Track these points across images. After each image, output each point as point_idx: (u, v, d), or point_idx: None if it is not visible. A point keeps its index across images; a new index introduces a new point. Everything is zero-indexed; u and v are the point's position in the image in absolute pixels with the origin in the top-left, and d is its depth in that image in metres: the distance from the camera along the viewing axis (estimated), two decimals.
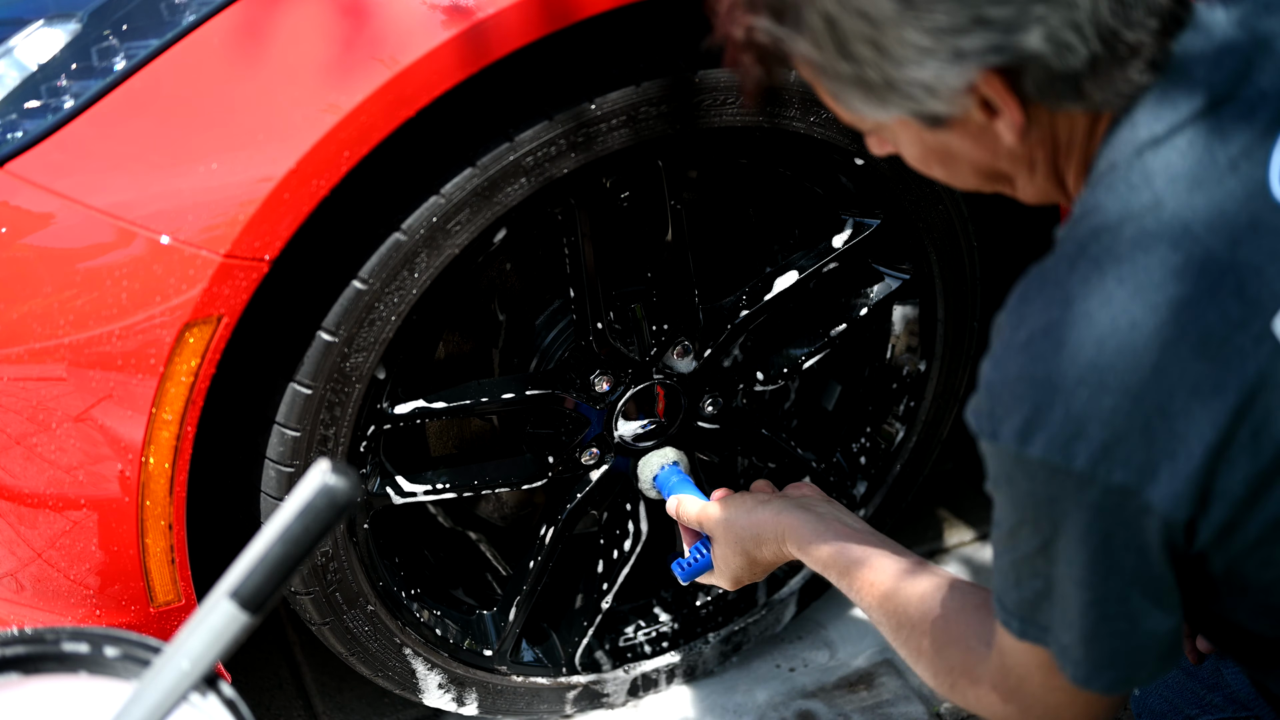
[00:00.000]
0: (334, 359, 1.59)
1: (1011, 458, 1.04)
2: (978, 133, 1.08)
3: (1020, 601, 1.13)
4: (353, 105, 1.43)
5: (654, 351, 1.83)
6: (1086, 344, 1.00)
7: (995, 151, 1.10)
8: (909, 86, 1.03)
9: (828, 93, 1.10)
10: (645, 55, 1.63)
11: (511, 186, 1.59)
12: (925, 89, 1.03)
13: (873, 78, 1.04)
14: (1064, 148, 1.10)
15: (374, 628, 1.81)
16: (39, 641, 1.14)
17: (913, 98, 1.04)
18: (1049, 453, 1.02)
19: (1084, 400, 1.00)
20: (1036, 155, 1.11)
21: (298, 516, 0.99)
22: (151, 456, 1.51)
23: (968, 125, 1.08)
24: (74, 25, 1.54)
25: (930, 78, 1.02)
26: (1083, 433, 1.00)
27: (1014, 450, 1.04)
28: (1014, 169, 1.13)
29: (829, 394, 2.14)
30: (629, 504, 1.96)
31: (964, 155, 1.12)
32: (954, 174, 1.16)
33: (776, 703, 2.10)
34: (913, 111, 1.06)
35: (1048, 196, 1.15)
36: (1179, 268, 0.99)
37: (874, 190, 1.84)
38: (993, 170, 1.13)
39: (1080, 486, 1.02)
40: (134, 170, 1.46)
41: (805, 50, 1.05)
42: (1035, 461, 1.03)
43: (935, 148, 1.12)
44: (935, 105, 1.04)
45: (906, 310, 2.00)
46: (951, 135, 1.09)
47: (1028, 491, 1.05)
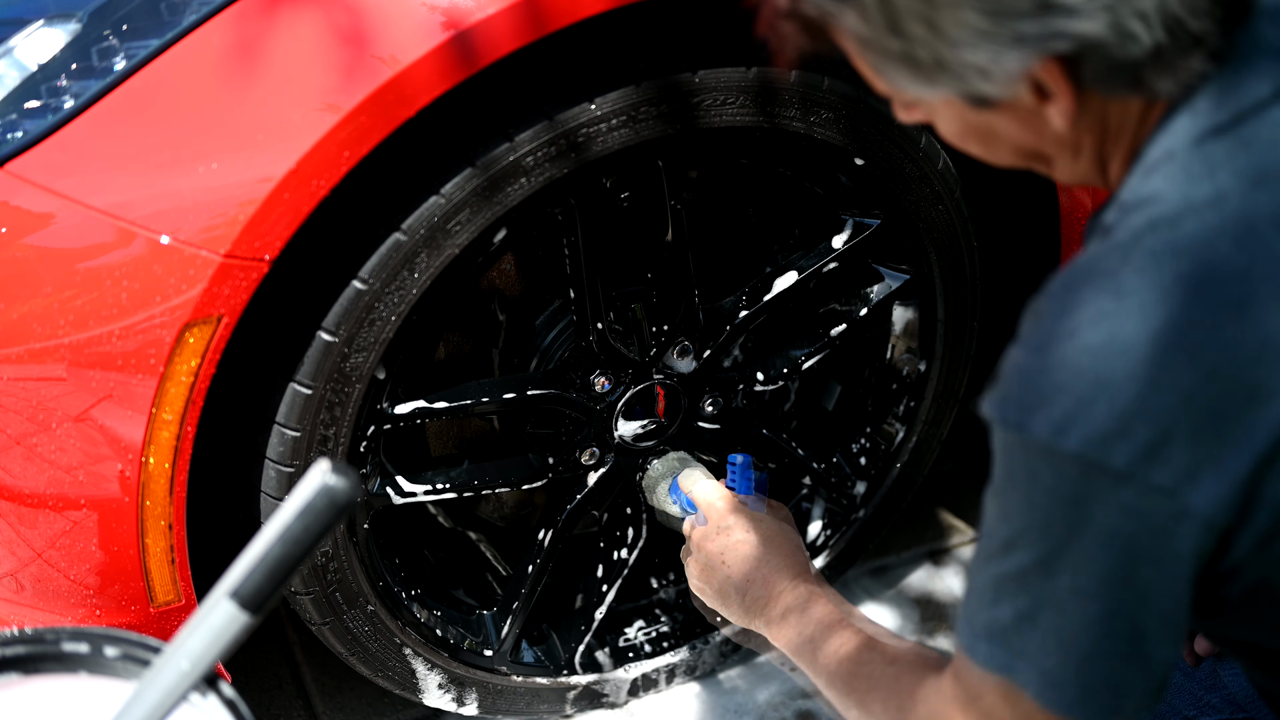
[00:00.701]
0: (334, 359, 1.59)
1: (1041, 450, 0.98)
2: (1026, 116, 1.05)
3: (993, 623, 1.05)
4: (353, 105, 1.43)
5: (654, 352, 1.83)
6: (1140, 339, 0.95)
7: (1041, 135, 1.07)
8: (961, 68, 1.00)
9: (869, 66, 1.05)
10: (645, 55, 1.63)
11: (511, 186, 1.59)
12: (978, 71, 0.99)
13: (923, 56, 1.00)
14: (1113, 134, 1.06)
15: (374, 628, 1.81)
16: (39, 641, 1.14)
17: (963, 79, 1.00)
18: (1086, 448, 0.96)
19: (1132, 397, 0.95)
20: (1084, 141, 1.07)
21: (298, 516, 0.99)
22: (151, 456, 1.51)
23: (1016, 108, 1.04)
24: (74, 25, 1.54)
25: (985, 61, 0.98)
26: (1127, 431, 0.95)
27: (1046, 443, 0.98)
28: (1057, 152, 1.09)
29: (829, 394, 2.14)
30: (629, 505, 1.96)
31: (1006, 136, 1.08)
32: (991, 152, 1.12)
33: (776, 703, 2.10)
34: (961, 92, 1.02)
35: (1086, 180, 1.11)
36: (1242, 268, 0.95)
37: (874, 190, 1.84)
38: (1034, 151, 1.10)
39: (1115, 486, 0.96)
40: (134, 170, 1.46)
41: (853, 24, 1.01)
42: (1069, 456, 0.97)
43: (977, 127, 1.08)
44: (986, 88, 1.01)
45: (906, 310, 2.00)
46: (997, 116, 1.06)
47: (1050, 489, 0.99)
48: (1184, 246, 0.96)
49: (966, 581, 1.09)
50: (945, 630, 2.18)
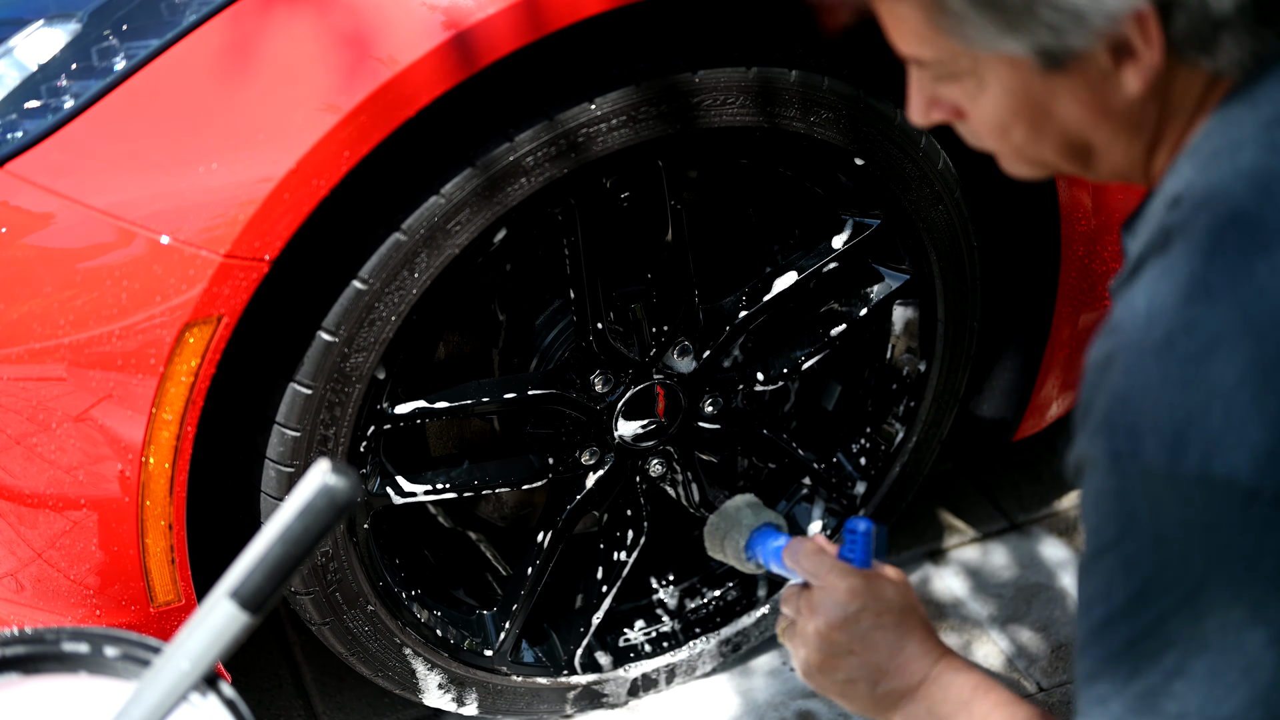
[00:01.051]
0: (334, 359, 1.59)
1: (1161, 478, 0.89)
2: (1096, 82, 0.96)
3: (1138, 696, 0.91)
4: (352, 105, 1.43)
5: (654, 352, 1.83)
6: (1244, 340, 0.87)
7: (1105, 108, 0.98)
8: (1055, 12, 0.92)
9: (934, 20, 0.96)
10: (645, 55, 1.63)
11: (511, 186, 1.59)
12: (1074, 16, 0.91)
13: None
14: (1174, 110, 0.99)
15: (374, 628, 1.81)
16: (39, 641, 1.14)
17: (1054, 26, 0.92)
18: (1208, 464, 0.87)
19: (1246, 402, 0.87)
20: (1147, 114, 0.99)
21: (298, 516, 0.99)
22: (151, 456, 1.51)
23: (1088, 72, 0.96)
24: (74, 25, 1.54)
25: (1085, 2, 0.91)
26: (1245, 439, 0.87)
27: (1164, 468, 0.89)
28: (1112, 135, 1.01)
29: (829, 394, 2.14)
30: (629, 505, 1.96)
31: (1064, 113, 0.99)
32: (1035, 139, 1.03)
33: (777, 703, 2.10)
34: (1040, 46, 0.94)
35: (1128, 171, 1.04)
36: None
37: (874, 190, 1.84)
38: (1081, 139, 1.02)
39: (1248, 501, 0.87)
40: (134, 170, 1.46)
41: None
42: (1193, 479, 0.88)
43: (1034, 101, 0.99)
44: (1075, 38, 0.93)
45: (906, 310, 2.00)
46: (1063, 84, 0.97)
47: (1179, 522, 0.89)
48: (1270, 239, 0.89)
49: (1085, 665, 0.95)
50: (945, 630, 2.18)
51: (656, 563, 2.15)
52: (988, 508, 2.43)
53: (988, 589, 2.26)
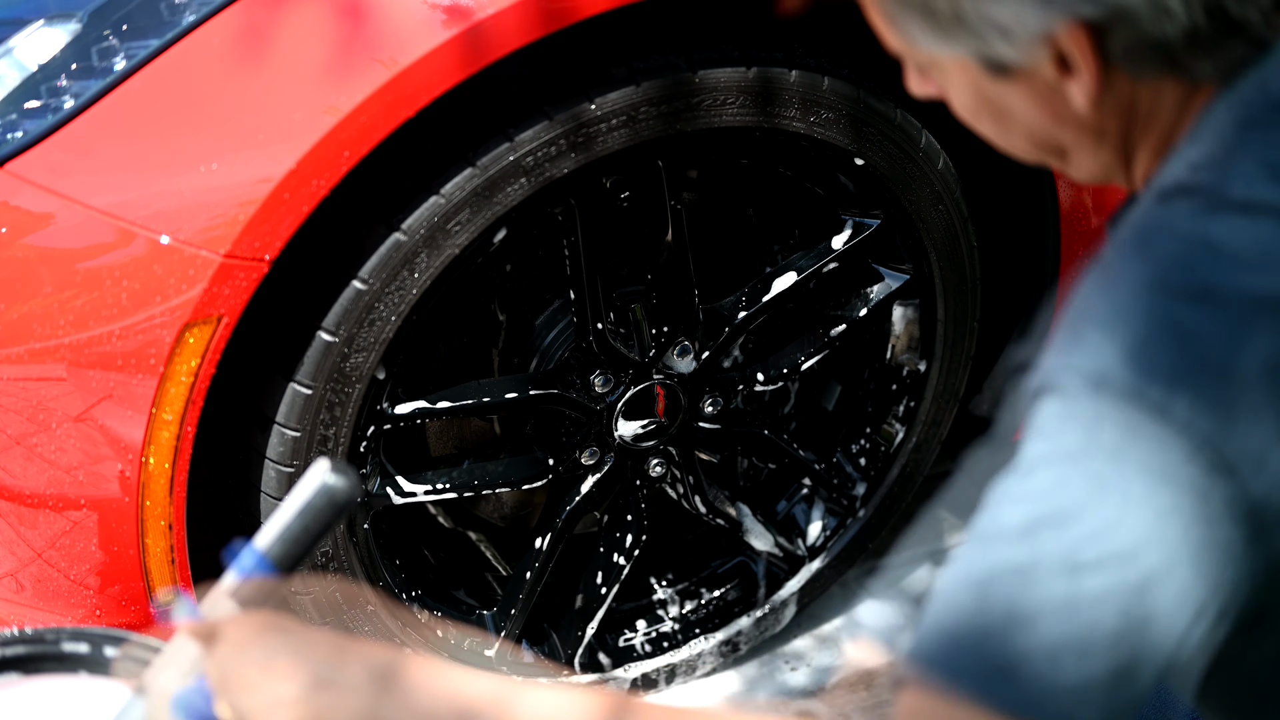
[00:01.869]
0: (334, 359, 1.59)
1: (1096, 382, 0.85)
2: (1045, 91, 0.97)
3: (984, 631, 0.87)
4: (352, 106, 1.43)
5: (654, 352, 1.83)
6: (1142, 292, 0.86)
7: (1059, 116, 0.99)
8: (981, 24, 0.93)
9: (883, 15, 0.99)
10: (645, 55, 1.63)
11: (511, 186, 1.59)
12: (999, 30, 0.93)
13: (941, 7, 0.94)
14: (1142, 121, 0.99)
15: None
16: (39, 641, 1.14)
17: (982, 37, 0.94)
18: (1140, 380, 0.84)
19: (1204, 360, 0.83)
20: (1108, 126, 1.00)
21: (297, 516, 0.99)
22: (151, 456, 1.51)
23: (1034, 81, 0.97)
24: (74, 25, 1.54)
25: (1008, 18, 0.92)
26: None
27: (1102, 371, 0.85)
28: (1076, 139, 1.01)
29: (829, 394, 2.14)
30: (629, 506, 1.96)
31: (1022, 115, 1.01)
32: (1004, 134, 1.04)
33: (777, 702, 2.10)
34: (978, 53, 0.96)
35: (1106, 175, 1.04)
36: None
37: (874, 190, 1.84)
38: (1049, 139, 1.02)
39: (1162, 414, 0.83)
40: (134, 170, 1.46)
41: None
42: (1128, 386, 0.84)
43: (991, 101, 1.01)
44: (1005, 50, 0.94)
45: (906, 310, 2.00)
46: (1014, 90, 0.98)
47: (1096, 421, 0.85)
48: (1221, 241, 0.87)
49: (935, 598, 0.90)
50: None
51: (656, 563, 2.15)
52: None
53: None
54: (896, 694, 0.92)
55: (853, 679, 2.13)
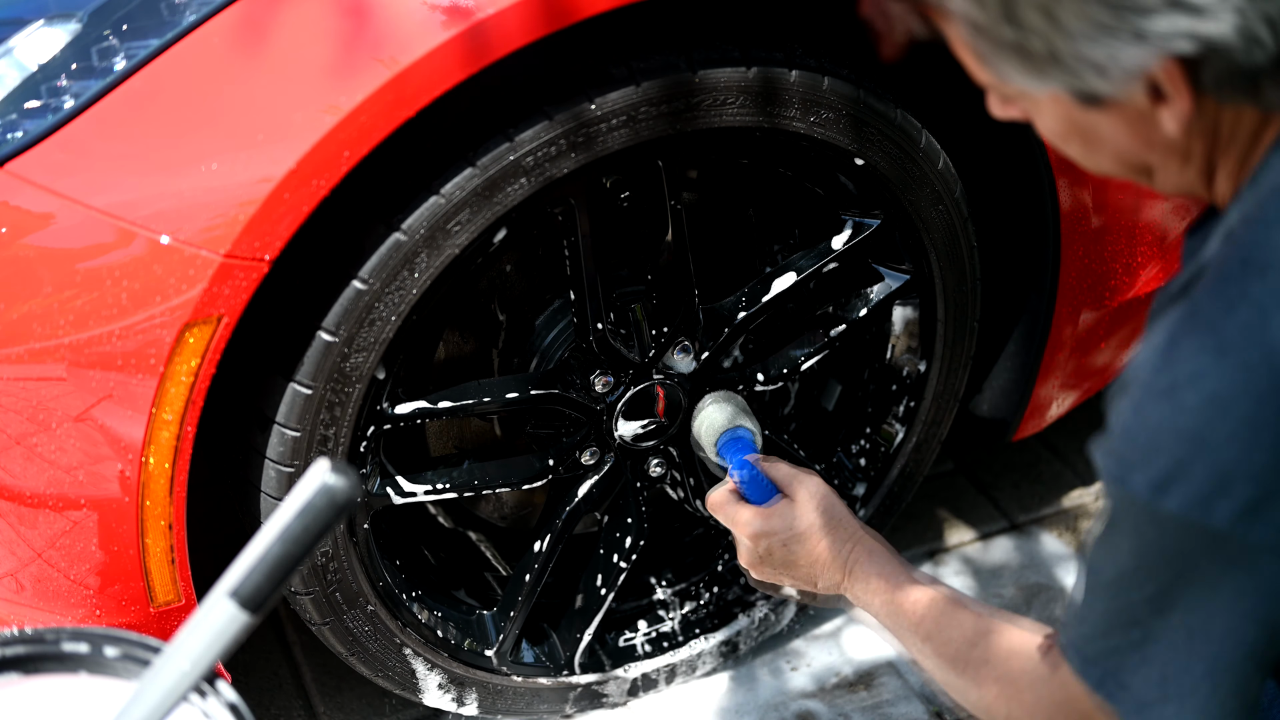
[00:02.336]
0: (334, 359, 1.59)
1: (1141, 508, 0.99)
2: (1135, 118, 1.00)
3: (1106, 651, 1.06)
4: (353, 105, 1.43)
5: (654, 352, 1.83)
6: (1242, 399, 0.93)
7: (1148, 140, 1.02)
8: (1076, 62, 0.96)
9: (975, 54, 1.02)
10: (645, 55, 1.63)
11: (511, 186, 1.59)
12: (1094, 67, 0.96)
13: (1037, 48, 0.96)
14: (1224, 143, 1.02)
15: (374, 628, 1.81)
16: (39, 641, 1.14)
17: (1077, 74, 0.97)
18: (1186, 509, 0.96)
19: (1233, 457, 0.93)
20: (1194, 148, 1.03)
21: (297, 516, 0.99)
22: (151, 456, 1.51)
23: (1126, 109, 1.00)
24: (74, 25, 1.54)
25: (1103, 57, 0.95)
26: (1228, 490, 0.94)
27: (1145, 501, 0.98)
28: (1163, 160, 1.05)
29: (829, 394, 2.14)
30: (629, 506, 1.96)
31: (1111, 139, 1.04)
32: (1092, 155, 1.08)
33: (776, 702, 2.10)
34: (1071, 88, 0.98)
35: (1189, 190, 1.08)
36: None
37: (874, 190, 1.84)
38: (1137, 161, 1.06)
39: (1217, 544, 0.96)
40: (134, 170, 1.46)
41: (965, 8, 0.97)
42: (1169, 516, 0.97)
43: (1081, 127, 1.04)
44: (1100, 85, 0.97)
45: (906, 310, 2.00)
46: (1105, 117, 1.01)
47: (1155, 543, 0.99)
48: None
49: (1074, 603, 1.10)
50: None
51: (656, 563, 2.15)
52: (988, 508, 2.43)
53: (988, 588, 2.26)
54: None
55: (853, 678, 2.13)
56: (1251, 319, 0.93)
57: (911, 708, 2.06)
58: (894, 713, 2.06)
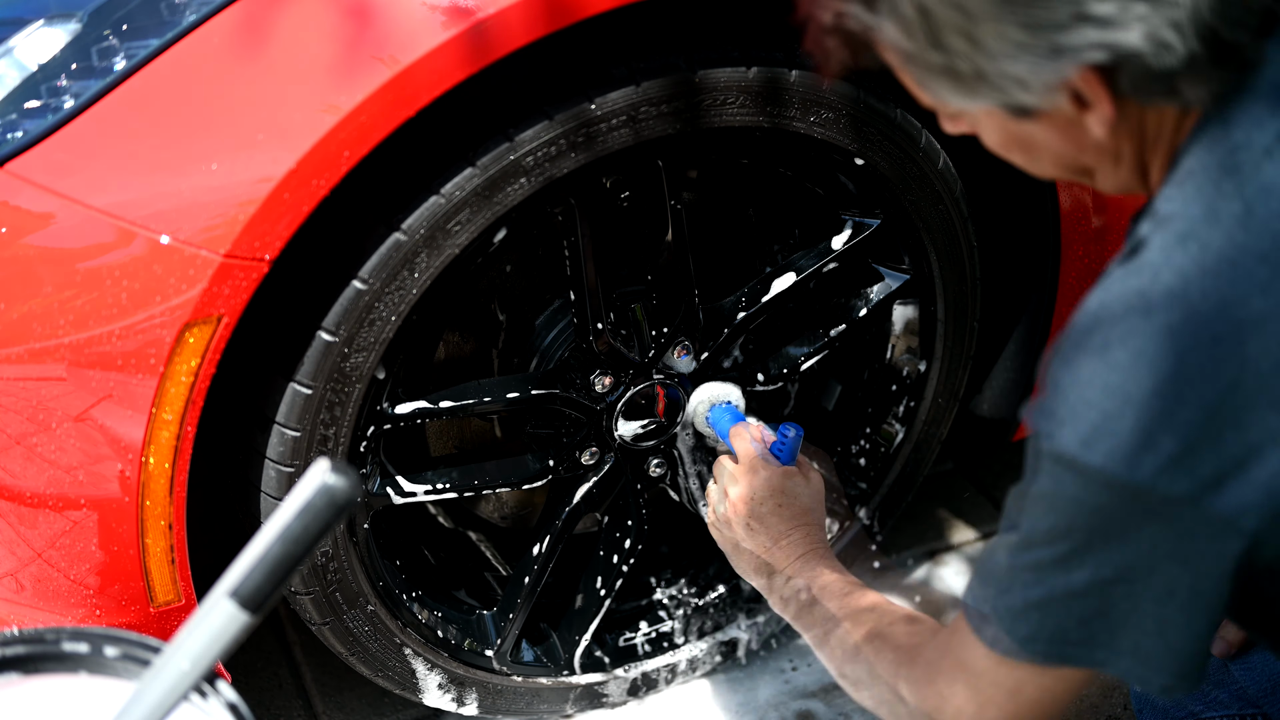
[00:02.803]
0: (334, 359, 1.59)
1: (1069, 464, 1.03)
2: (1065, 125, 1.07)
3: (1010, 608, 1.11)
4: (353, 105, 1.43)
5: (654, 352, 1.83)
6: (1167, 356, 0.98)
7: (1081, 144, 1.09)
8: (1000, 79, 1.03)
9: (913, 79, 1.09)
10: (645, 55, 1.63)
11: (511, 186, 1.59)
12: (1017, 82, 1.02)
13: (963, 69, 1.03)
14: (1151, 141, 1.09)
15: (374, 628, 1.81)
16: (39, 641, 1.14)
17: (1003, 90, 1.04)
18: (1112, 463, 1.00)
19: (1157, 412, 0.98)
20: (1123, 148, 1.10)
21: (297, 516, 0.99)
22: (151, 456, 1.51)
23: (1056, 118, 1.07)
24: (74, 25, 1.54)
25: (1024, 72, 1.01)
26: (1152, 444, 0.98)
27: (1072, 456, 1.02)
28: (1098, 161, 1.12)
29: (829, 394, 2.14)
30: (629, 506, 1.96)
31: (1048, 146, 1.11)
32: (1034, 162, 1.15)
33: (776, 702, 2.10)
34: (1001, 103, 1.05)
35: (1128, 188, 1.14)
36: (1265, 281, 0.98)
37: (874, 190, 1.84)
38: (1074, 162, 1.13)
39: (1139, 498, 1.00)
40: (134, 170, 1.46)
41: (895, 38, 1.04)
42: (1095, 471, 1.01)
43: (1018, 137, 1.11)
44: (1025, 98, 1.04)
45: (906, 310, 2.00)
46: (1038, 126, 1.08)
47: (1073, 498, 1.04)
48: (1210, 263, 0.99)
49: (981, 560, 1.15)
50: None
51: (656, 563, 2.15)
52: (988, 508, 2.42)
53: None
54: None
55: None
56: (1174, 283, 0.99)
57: None
58: None
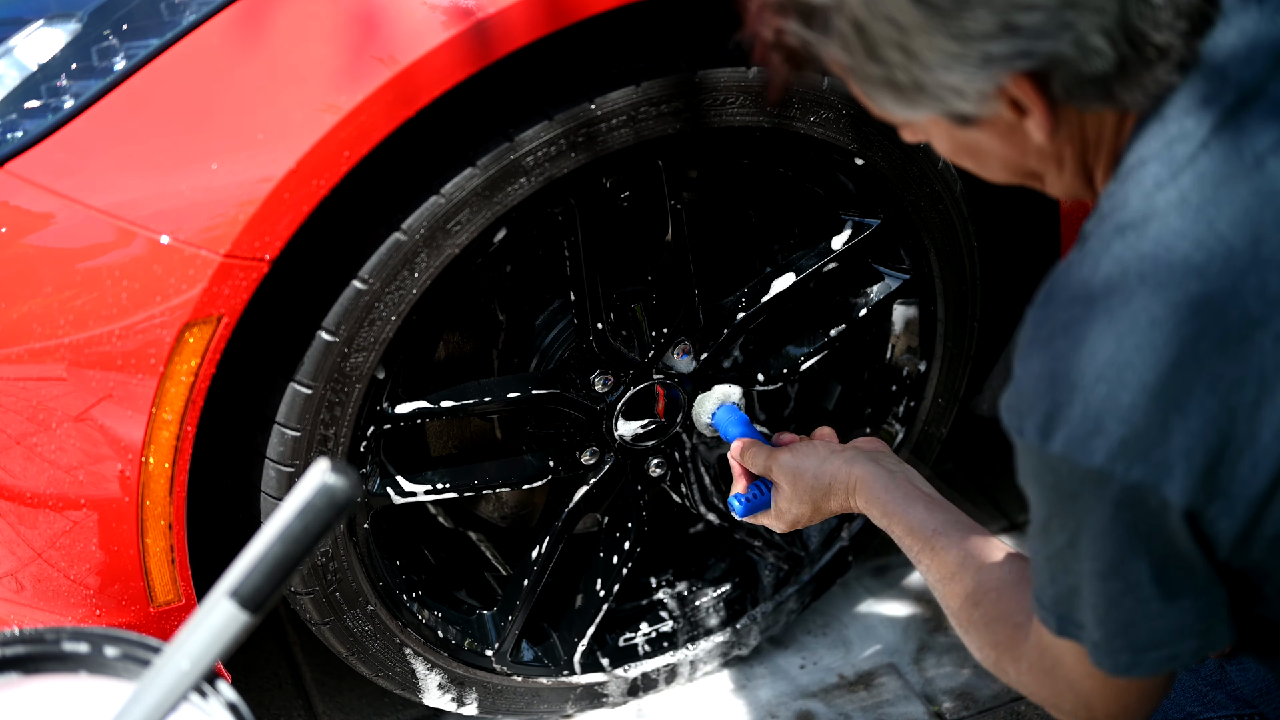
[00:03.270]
0: (334, 359, 1.59)
1: (1037, 455, 1.06)
2: (1007, 131, 1.10)
3: (1056, 598, 1.14)
4: (353, 105, 1.43)
5: (654, 352, 1.83)
6: (1106, 341, 1.01)
7: (1024, 149, 1.12)
8: (937, 89, 1.05)
9: (860, 91, 1.12)
10: (646, 55, 1.63)
11: (511, 186, 1.59)
12: (954, 91, 1.05)
13: (902, 80, 1.06)
14: (1092, 145, 1.11)
15: (374, 627, 1.81)
16: (39, 641, 1.14)
17: (941, 99, 1.06)
18: (1069, 449, 1.03)
19: (1102, 397, 1.01)
20: (1065, 153, 1.12)
21: (297, 516, 0.99)
22: (151, 456, 1.51)
23: (997, 124, 1.09)
24: (74, 25, 1.54)
25: (959, 81, 1.04)
26: (1101, 429, 1.01)
27: (1037, 446, 1.05)
28: (1043, 166, 1.14)
29: (829, 394, 2.14)
30: (629, 507, 1.96)
31: (993, 152, 1.14)
32: (984, 168, 1.17)
33: (777, 702, 2.10)
34: (942, 111, 1.08)
35: (1076, 193, 1.17)
36: (1201, 266, 1.00)
37: (874, 190, 1.84)
38: (1021, 167, 1.15)
39: (1099, 483, 1.03)
40: (134, 170, 1.46)
41: (835, 54, 1.07)
42: (1056, 458, 1.04)
43: (965, 144, 1.14)
44: (964, 106, 1.06)
45: (906, 310, 2.00)
46: (981, 133, 1.11)
47: (1052, 487, 1.07)
48: (1146, 250, 1.02)
49: (1031, 556, 1.18)
50: (945, 630, 2.18)
51: (657, 563, 2.15)
52: (988, 508, 2.43)
53: None
54: None
55: (853, 679, 2.13)
56: (1113, 272, 1.02)
57: (911, 708, 2.06)
58: (894, 713, 2.06)
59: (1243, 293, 0.99)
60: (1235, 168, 1.02)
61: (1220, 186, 1.02)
